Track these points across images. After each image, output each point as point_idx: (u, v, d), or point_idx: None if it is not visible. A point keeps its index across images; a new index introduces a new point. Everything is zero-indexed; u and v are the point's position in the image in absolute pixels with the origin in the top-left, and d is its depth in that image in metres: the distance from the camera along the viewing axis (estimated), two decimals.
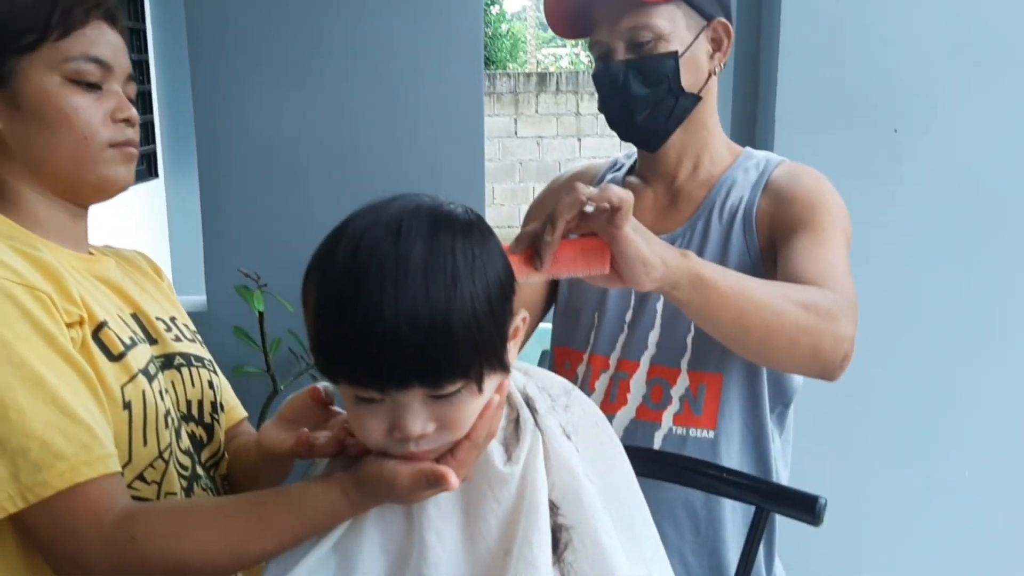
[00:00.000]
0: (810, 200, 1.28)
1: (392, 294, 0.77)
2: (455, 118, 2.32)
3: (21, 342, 0.89)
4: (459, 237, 0.82)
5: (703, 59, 1.33)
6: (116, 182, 1.06)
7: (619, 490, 0.97)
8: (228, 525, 0.91)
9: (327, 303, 0.80)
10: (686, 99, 1.32)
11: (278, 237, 2.29)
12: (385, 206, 0.84)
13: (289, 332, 2.25)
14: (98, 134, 1.02)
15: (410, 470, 0.85)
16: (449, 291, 0.79)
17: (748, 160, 1.38)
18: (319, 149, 2.30)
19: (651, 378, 1.33)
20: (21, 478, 0.87)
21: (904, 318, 2.08)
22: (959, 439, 2.14)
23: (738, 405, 1.31)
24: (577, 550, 0.89)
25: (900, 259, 2.06)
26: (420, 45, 2.26)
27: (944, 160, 2.03)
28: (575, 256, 0.99)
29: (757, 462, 1.34)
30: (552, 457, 0.91)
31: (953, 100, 2.01)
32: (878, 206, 2.03)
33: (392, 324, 0.77)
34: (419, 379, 0.81)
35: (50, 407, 0.89)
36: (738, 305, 1.07)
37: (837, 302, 1.14)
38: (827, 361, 1.14)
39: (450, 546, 0.88)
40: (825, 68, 1.99)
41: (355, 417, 0.87)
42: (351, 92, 2.28)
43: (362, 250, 0.79)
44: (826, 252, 1.21)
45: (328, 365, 0.83)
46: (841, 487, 2.13)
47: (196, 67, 2.28)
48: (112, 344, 1.00)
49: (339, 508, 0.89)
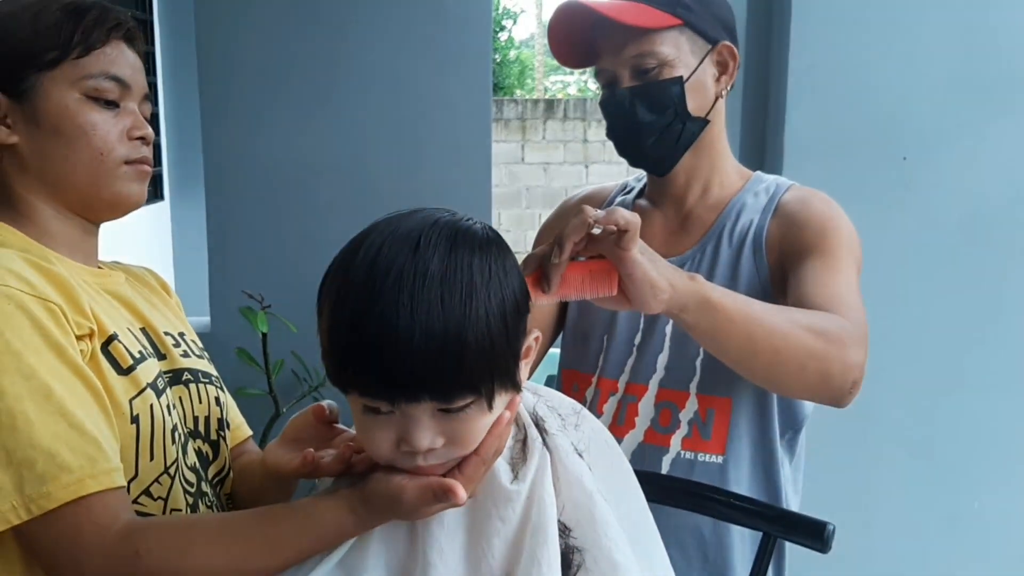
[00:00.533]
0: (821, 225, 1.27)
1: (408, 306, 0.77)
2: (463, 143, 2.32)
3: (31, 353, 0.89)
4: (477, 252, 0.82)
5: (709, 83, 1.33)
6: (130, 198, 1.07)
7: (632, 511, 0.95)
8: (233, 541, 0.90)
9: (342, 312, 0.80)
10: (693, 123, 1.32)
11: (282, 259, 2.29)
12: (403, 219, 0.84)
13: (292, 354, 2.24)
14: (114, 151, 1.03)
15: (417, 484, 0.84)
16: (465, 305, 0.79)
17: (758, 184, 1.38)
18: (326, 172, 2.30)
19: (659, 401, 1.32)
20: (26, 489, 0.87)
21: (911, 346, 2.06)
22: (968, 469, 2.12)
23: (747, 430, 1.30)
24: (590, 570, 0.88)
25: (908, 286, 2.05)
26: (429, 70, 2.27)
27: (953, 188, 2.02)
28: (583, 278, 0.99)
29: (766, 488, 1.32)
30: (563, 476, 0.90)
31: (962, 129, 2.01)
32: (886, 233, 2.02)
33: (406, 335, 0.77)
34: (430, 392, 0.80)
35: (58, 419, 0.89)
36: (746, 329, 1.07)
37: (847, 328, 1.13)
38: (836, 387, 1.12)
39: (452, 564, 0.87)
40: (834, 95, 1.99)
41: (363, 428, 0.86)
42: (359, 116, 2.28)
43: (380, 261, 0.79)
44: (837, 277, 1.20)
45: (339, 373, 0.82)
46: (851, 515, 2.10)
47: (205, 90, 2.29)
48: (121, 357, 1.00)
49: (345, 524, 0.88)
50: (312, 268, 0.86)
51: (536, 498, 0.87)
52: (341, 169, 2.30)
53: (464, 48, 2.28)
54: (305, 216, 2.30)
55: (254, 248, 2.32)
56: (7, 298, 0.90)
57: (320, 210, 2.29)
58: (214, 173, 2.32)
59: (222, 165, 2.31)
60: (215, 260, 2.33)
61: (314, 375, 2.23)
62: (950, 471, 2.12)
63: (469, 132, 2.32)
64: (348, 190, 2.29)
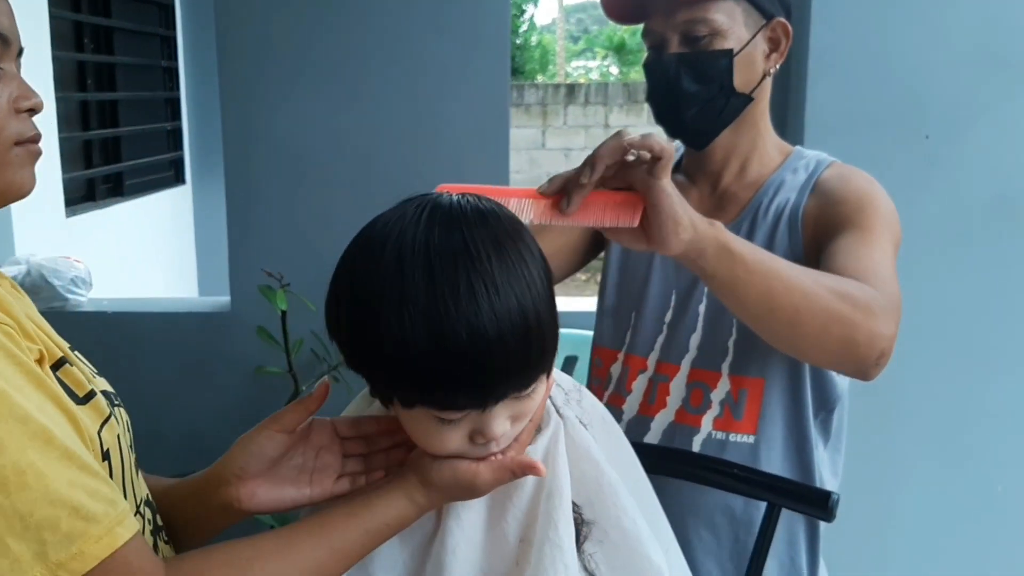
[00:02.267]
0: (859, 201, 1.23)
1: (487, 305, 0.74)
2: (480, 127, 2.31)
3: (15, 390, 0.73)
4: (500, 228, 0.80)
5: (759, 59, 1.28)
6: (22, 187, 0.84)
7: (636, 481, 0.96)
8: (300, 556, 0.84)
9: (417, 334, 0.74)
10: (737, 99, 1.28)
11: (301, 238, 2.29)
12: (407, 213, 0.80)
13: (312, 333, 2.25)
14: (3, 131, 0.81)
15: (492, 467, 0.84)
16: (528, 288, 0.77)
17: (798, 160, 1.33)
18: (343, 155, 2.31)
19: (691, 381, 1.30)
20: (51, 555, 0.71)
21: (936, 328, 2.04)
22: (994, 453, 2.10)
23: (780, 410, 1.27)
24: (600, 541, 0.88)
25: (932, 266, 2.03)
26: (446, 53, 2.26)
27: (976, 167, 2.00)
28: (605, 205, 0.96)
29: (800, 468, 1.29)
30: (571, 448, 0.90)
31: (985, 106, 1.98)
32: (908, 213, 1.98)
33: (495, 336, 0.75)
34: (514, 387, 0.80)
35: (67, 463, 0.73)
36: (766, 283, 1.02)
37: (877, 298, 1.08)
38: (861, 357, 1.07)
39: (469, 530, 0.88)
40: (856, 72, 1.97)
41: (428, 434, 0.84)
42: (377, 99, 2.28)
43: (438, 273, 0.75)
44: (871, 251, 1.16)
45: (410, 390, 0.79)
46: (874, 497, 2.10)
47: (224, 74, 2.30)
48: (77, 384, 0.83)
49: (407, 516, 0.87)
50: (330, 247, 0.84)
51: (551, 463, 0.88)
52: (358, 151, 2.30)
53: (482, 30, 2.27)
54: (323, 196, 2.31)
55: (273, 227, 2.33)
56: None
57: (337, 190, 2.30)
58: (233, 153, 2.33)
59: (241, 145, 2.32)
60: (234, 240, 2.35)
61: (333, 354, 2.24)
62: (974, 454, 2.10)
63: (486, 114, 2.31)
64: (365, 172, 2.30)
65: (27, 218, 3.38)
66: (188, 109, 5.15)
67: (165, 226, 4.99)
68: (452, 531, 0.87)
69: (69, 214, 3.98)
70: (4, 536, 0.70)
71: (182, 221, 5.19)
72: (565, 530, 0.85)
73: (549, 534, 0.84)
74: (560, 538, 0.84)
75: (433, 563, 0.87)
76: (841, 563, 2.09)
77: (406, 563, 0.89)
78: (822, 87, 1.97)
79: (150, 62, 4.91)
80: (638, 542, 0.88)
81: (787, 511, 1.20)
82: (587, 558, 0.88)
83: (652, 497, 0.98)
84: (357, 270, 0.79)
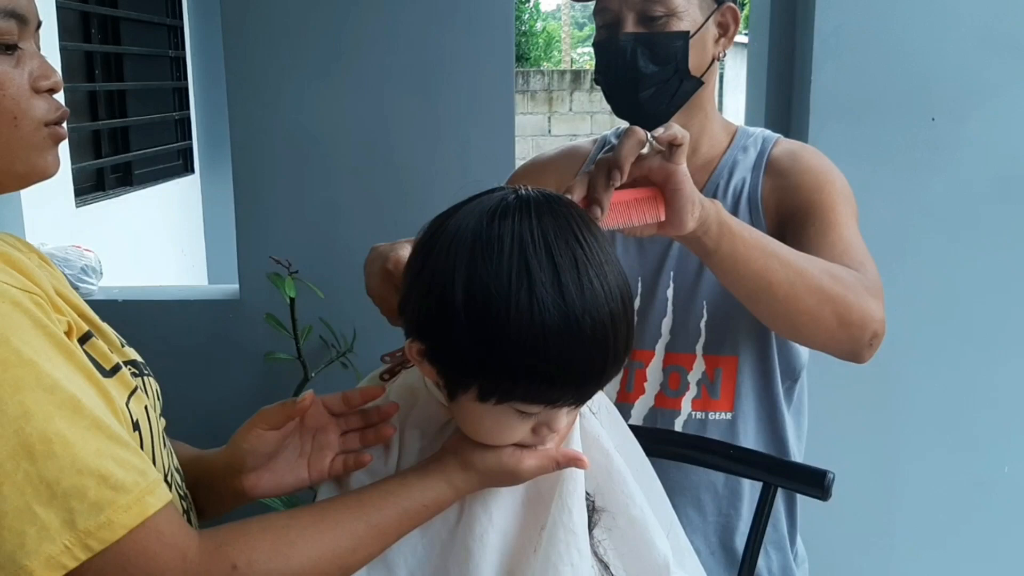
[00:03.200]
0: (816, 181, 1.25)
1: (604, 302, 0.77)
2: (486, 114, 2.31)
3: (44, 360, 0.73)
4: (590, 223, 0.83)
5: (710, 43, 1.30)
6: (46, 170, 0.84)
7: (640, 466, 0.97)
8: (338, 534, 0.83)
9: (543, 327, 0.76)
10: (689, 82, 1.29)
11: (310, 225, 2.30)
12: (519, 211, 0.80)
13: (320, 320, 2.26)
14: (30, 112, 0.81)
15: (538, 456, 0.86)
16: (620, 276, 0.80)
17: (745, 138, 1.36)
18: (350, 142, 2.31)
19: (667, 365, 1.32)
20: (79, 524, 0.71)
21: (943, 309, 2.04)
22: (1000, 434, 2.10)
23: (751, 385, 1.31)
24: (608, 528, 0.90)
25: (938, 249, 2.02)
26: (451, 40, 2.26)
27: (983, 150, 1.99)
28: (628, 205, 0.96)
29: (772, 438, 1.33)
30: (582, 436, 0.91)
31: (993, 89, 1.97)
32: (914, 196, 2.00)
33: (611, 323, 0.77)
34: (611, 378, 0.83)
35: (95, 433, 0.74)
36: (763, 259, 1.05)
37: (863, 280, 1.11)
38: (856, 337, 1.10)
39: (496, 518, 0.89)
40: (861, 54, 1.96)
41: (498, 427, 0.85)
42: (383, 86, 2.28)
43: (559, 262, 0.77)
44: (842, 234, 1.19)
45: (527, 391, 0.80)
46: (878, 479, 2.10)
47: (231, 63, 2.30)
48: (103, 357, 0.84)
49: (444, 497, 0.88)
50: (338, 233, 0.84)
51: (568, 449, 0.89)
52: (365, 137, 2.31)
53: (487, 17, 2.26)
54: (330, 184, 2.32)
55: (281, 215, 2.33)
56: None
57: (345, 178, 2.30)
58: (241, 142, 2.33)
59: (249, 134, 2.33)
60: (243, 227, 2.35)
61: (341, 341, 2.25)
62: (979, 436, 2.11)
63: (492, 101, 2.31)
64: (371, 159, 2.30)
65: (37, 207, 3.41)
66: (196, 98, 5.16)
67: (174, 215, 5.01)
68: (479, 518, 0.88)
69: (79, 204, 4.01)
70: (31, 503, 0.70)
71: (191, 210, 5.21)
72: (579, 516, 0.86)
73: (563, 519, 0.86)
74: (574, 524, 0.85)
75: (460, 550, 0.88)
76: (847, 544, 2.11)
77: (426, 551, 0.90)
78: (828, 69, 1.96)
79: (158, 52, 4.92)
80: (644, 529, 0.90)
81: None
82: (596, 544, 0.89)
83: (655, 482, 0.99)
84: (476, 268, 0.78)
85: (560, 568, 0.84)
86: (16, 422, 0.70)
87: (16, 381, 0.71)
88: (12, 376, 0.71)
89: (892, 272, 2.04)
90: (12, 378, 0.71)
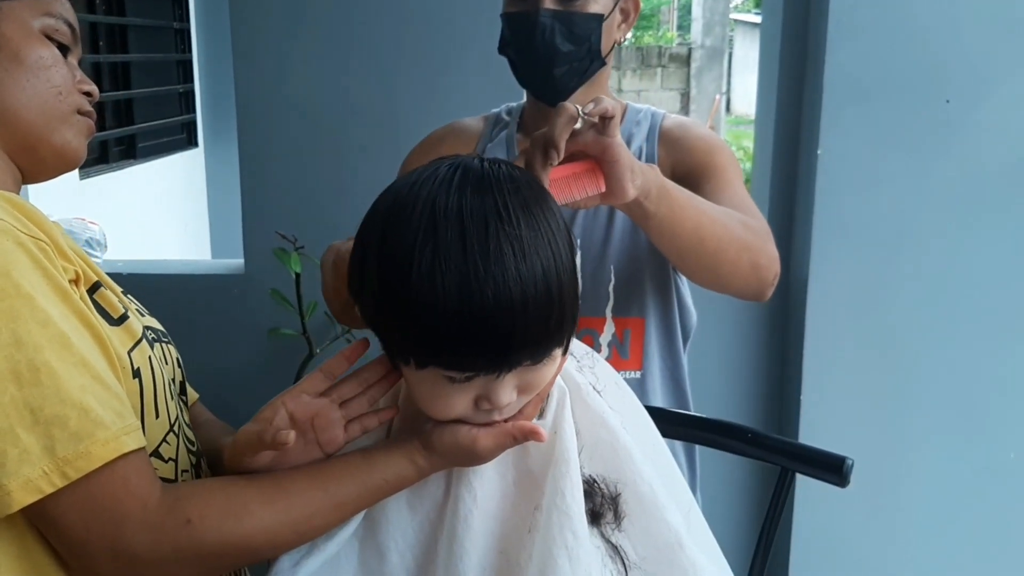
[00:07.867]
0: (707, 145, 1.36)
1: (514, 269, 0.75)
2: (494, 91, 2.29)
3: (41, 297, 0.78)
4: (535, 199, 0.80)
5: (614, 27, 1.37)
6: (77, 152, 0.97)
7: (653, 445, 0.96)
8: (292, 501, 0.85)
9: (448, 292, 0.75)
10: (597, 62, 1.36)
11: (315, 200, 2.29)
12: (448, 179, 0.79)
13: None
14: (71, 95, 0.96)
15: (493, 433, 0.85)
16: (554, 259, 0.78)
17: (636, 115, 1.43)
18: (357, 117, 2.29)
19: (580, 329, 1.36)
20: (58, 451, 0.76)
21: (955, 292, 2.03)
22: (1007, 420, 2.10)
23: (657, 344, 1.39)
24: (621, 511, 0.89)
25: (952, 231, 2.01)
26: (459, 16, 2.24)
27: (998, 132, 1.97)
28: (566, 181, 0.97)
29: (676, 394, 1.42)
30: (585, 415, 0.91)
31: (1008, 71, 1.95)
32: (928, 178, 1.98)
33: (520, 300, 0.75)
34: (530, 355, 0.79)
35: (81, 370, 0.78)
36: (696, 217, 1.12)
37: (763, 227, 1.23)
38: (764, 279, 1.21)
39: (481, 499, 0.88)
40: (875, 36, 1.94)
41: (433, 396, 0.84)
42: (390, 60, 2.26)
43: (470, 235, 0.75)
44: (736, 190, 1.29)
45: (427, 349, 0.79)
46: (884, 464, 2.10)
47: (237, 35, 2.28)
48: (111, 306, 0.90)
49: (406, 475, 0.88)
50: (344, 209, 0.84)
51: (558, 432, 0.88)
52: (372, 111, 2.29)
53: None
54: (337, 159, 2.30)
55: (287, 190, 2.32)
56: (3, 233, 0.79)
57: (351, 151, 2.29)
58: (246, 115, 2.31)
59: (254, 107, 2.31)
60: (248, 202, 2.34)
61: None
62: (987, 421, 2.10)
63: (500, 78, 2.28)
64: (379, 132, 2.28)
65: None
66: (200, 71, 5.13)
67: (178, 188, 4.99)
68: (463, 499, 0.88)
69: (83, 176, 3.99)
70: (14, 426, 0.75)
71: (195, 184, 5.19)
72: (573, 498, 0.84)
73: (556, 501, 0.85)
74: (568, 506, 0.84)
75: (447, 532, 0.88)
76: (854, 527, 2.11)
77: (416, 533, 0.90)
78: (843, 51, 1.94)
79: (162, 23, 4.89)
80: (655, 506, 0.88)
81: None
82: (605, 525, 0.88)
83: (669, 460, 0.98)
84: (388, 228, 0.79)
85: (554, 551, 0.83)
86: (6, 348, 0.75)
87: (11, 311, 0.76)
88: (8, 306, 0.76)
89: (903, 255, 2.04)
90: (8, 308, 0.76)
